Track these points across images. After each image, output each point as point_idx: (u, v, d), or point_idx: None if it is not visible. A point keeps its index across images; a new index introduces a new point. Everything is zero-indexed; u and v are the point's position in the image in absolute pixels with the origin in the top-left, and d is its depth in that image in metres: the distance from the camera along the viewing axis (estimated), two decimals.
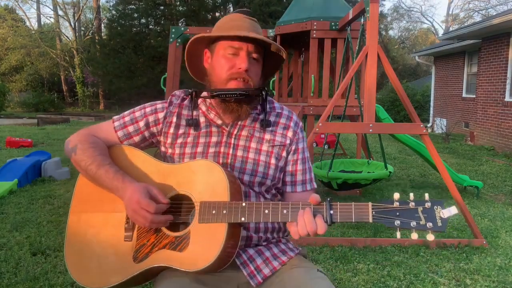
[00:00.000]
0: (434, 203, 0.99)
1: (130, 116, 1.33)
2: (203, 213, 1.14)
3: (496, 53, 8.75)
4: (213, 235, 1.12)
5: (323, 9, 5.19)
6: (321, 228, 1.06)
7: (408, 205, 1.01)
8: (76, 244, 1.25)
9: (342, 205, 1.08)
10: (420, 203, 1.00)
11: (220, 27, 1.27)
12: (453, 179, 4.38)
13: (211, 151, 1.27)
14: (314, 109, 4.79)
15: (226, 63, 1.23)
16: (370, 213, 1.04)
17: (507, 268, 2.83)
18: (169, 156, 1.30)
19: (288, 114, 1.37)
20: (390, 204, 1.02)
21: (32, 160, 5.21)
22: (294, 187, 1.35)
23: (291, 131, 1.34)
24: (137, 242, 1.19)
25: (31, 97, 23.31)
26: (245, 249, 1.25)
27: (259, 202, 1.13)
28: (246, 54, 1.22)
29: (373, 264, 2.82)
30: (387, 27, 30.18)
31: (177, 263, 1.13)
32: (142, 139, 1.33)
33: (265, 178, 1.28)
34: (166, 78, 4.93)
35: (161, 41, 18.67)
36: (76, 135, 1.31)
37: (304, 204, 1.11)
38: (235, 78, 1.22)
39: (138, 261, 1.17)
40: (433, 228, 0.99)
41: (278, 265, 1.25)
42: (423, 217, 0.99)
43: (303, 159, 1.36)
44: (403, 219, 1.00)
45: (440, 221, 0.98)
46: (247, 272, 1.21)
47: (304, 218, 1.08)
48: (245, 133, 1.29)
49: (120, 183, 1.19)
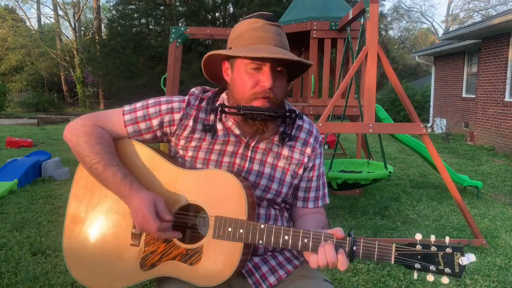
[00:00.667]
0: (454, 249, 1.00)
1: (143, 112, 1.22)
2: (218, 229, 1.10)
3: (496, 53, 8.75)
4: (227, 254, 1.09)
5: (323, 9, 5.19)
6: (342, 264, 1.01)
7: (430, 249, 1.01)
8: (76, 242, 1.21)
9: (365, 242, 1.04)
10: (441, 248, 1.01)
11: (240, 38, 1.16)
12: (453, 179, 4.39)
13: (225, 160, 1.21)
14: (314, 109, 4.79)
15: (249, 80, 1.13)
16: (393, 255, 1.02)
17: (507, 268, 2.83)
18: (180, 157, 1.24)
19: (308, 128, 1.29)
20: (413, 248, 1.02)
21: (32, 160, 5.22)
22: (306, 203, 1.31)
23: (310, 148, 1.28)
24: (144, 249, 1.16)
25: (31, 97, 23.32)
26: (251, 258, 1.21)
27: (279, 227, 1.08)
28: (270, 70, 1.12)
29: (373, 264, 2.82)
30: (387, 27, 30.17)
31: (188, 276, 1.11)
32: (153, 137, 1.25)
33: (277, 196, 1.24)
34: (166, 78, 4.93)
35: (161, 41, 18.65)
36: (80, 124, 1.20)
37: (326, 236, 1.05)
38: (259, 97, 1.13)
39: (146, 269, 1.15)
40: (450, 274, 0.99)
41: (284, 274, 1.23)
42: (442, 262, 1.00)
43: (318, 176, 1.32)
44: (423, 263, 1.01)
45: (457, 268, 0.99)
46: (253, 281, 1.19)
47: (325, 249, 1.03)
48: (262, 146, 1.23)
49: (127, 190, 1.14)
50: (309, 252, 1.07)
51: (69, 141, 1.21)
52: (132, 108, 1.25)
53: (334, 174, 4.14)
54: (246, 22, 1.18)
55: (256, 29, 1.15)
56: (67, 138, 1.21)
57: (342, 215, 4.00)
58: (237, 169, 1.21)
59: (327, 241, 1.04)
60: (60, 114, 19.52)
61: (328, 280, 1.22)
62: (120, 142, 1.23)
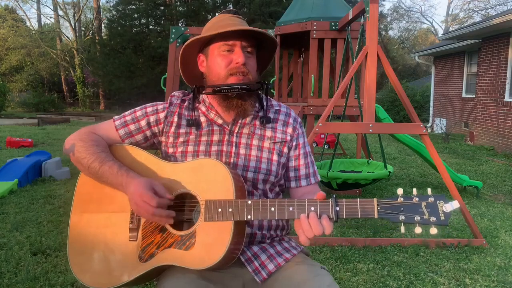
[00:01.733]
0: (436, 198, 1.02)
1: (132, 116, 1.34)
2: (208, 212, 1.15)
3: (496, 53, 8.75)
4: (219, 233, 1.13)
5: (323, 9, 5.19)
6: (328, 228, 1.07)
7: (412, 200, 1.04)
8: (79, 244, 1.25)
9: (347, 201, 1.09)
10: (423, 198, 1.03)
11: (210, 29, 1.27)
12: (453, 179, 4.39)
13: (213, 149, 1.28)
14: (314, 109, 4.80)
15: (223, 60, 1.24)
16: (375, 209, 1.06)
17: (507, 268, 2.83)
18: (171, 155, 1.31)
19: (286, 110, 1.39)
20: (394, 200, 1.04)
21: (32, 160, 5.22)
22: (299, 182, 1.37)
23: (290, 127, 1.36)
24: (142, 242, 1.20)
25: (32, 97, 23.33)
26: (249, 246, 1.27)
27: (265, 200, 1.14)
28: (241, 49, 1.23)
29: (373, 264, 2.82)
30: (387, 27, 30.18)
31: (184, 261, 1.14)
32: (143, 138, 1.34)
33: (269, 174, 1.30)
34: (166, 78, 4.93)
35: (161, 41, 18.67)
36: (75, 134, 1.31)
37: (310, 201, 1.11)
38: (234, 73, 1.23)
39: (144, 261, 1.18)
40: (436, 222, 1.01)
41: (282, 261, 1.26)
42: (426, 212, 1.02)
43: (305, 154, 1.38)
44: (407, 214, 1.03)
45: (443, 215, 1.01)
46: (252, 269, 1.23)
47: (309, 222, 1.08)
48: (246, 131, 1.31)
49: (125, 178, 1.19)
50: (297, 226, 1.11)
51: (68, 152, 1.29)
52: (121, 115, 1.37)
53: (334, 174, 4.14)
54: (213, 19, 1.32)
55: (223, 19, 1.28)
56: (66, 148, 1.30)
57: None
58: (225, 155, 1.28)
59: (310, 211, 1.09)
60: (60, 114, 19.52)
61: (324, 268, 1.26)
62: (116, 147, 1.31)
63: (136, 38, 20.44)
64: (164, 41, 18.03)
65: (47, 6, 65.75)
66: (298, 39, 5.79)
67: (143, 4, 20.25)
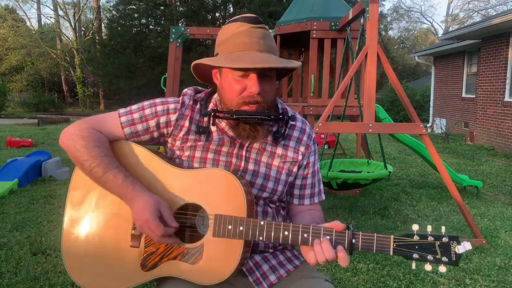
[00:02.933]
0: (450, 238, 1.03)
1: (140, 113, 1.23)
2: (218, 227, 1.10)
3: (495, 53, 8.75)
4: (228, 251, 1.10)
5: (323, 9, 5.19)
6: (343, 260, 1.03)
7: (427, 240, 1.04)
8: (75, 245, 1.21)
9: (364, 235, 1.06)
10: (438, 237, 1.04)
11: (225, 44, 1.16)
12: (453, 179, 4.39)
13: (222, 159, 1.23)
14: (314, 109, 4.80)
15: (236, 86, 1.14)
16: (391, 246, 1.04)
17: (507, 268, 2.83)
18: (177, 157, 1.25)
19: (301, 126, 1.31)
20: (410, 238, 1.05)
21: (32, 160, 5.22)
22: (302, 201, 1.33)
23: (303, 146, 1.29)
24: (145, 250, 1.16)
25: (32, 97, 23.35)
26: (252, 255, 1.23)
27: (279, 223, 1.08)
28: (257, 76, 1.12)
29: (373, 264, 2.82)
30: (386, 27, 30.18)
31: (189, 275, 1.11)
32: (150, 138, 1.25)
33: (273, 194, 1.26)
34: (166, 78, 4.93)
35: (161, 41, 18.66)
36: (76, 128, 1.20)
37: (326, 231, 1.06)
38: (247, 102, 1.14)
39: (147, 270, 1.15)
40: (447, 263, 1.02)
41: (284, 273, 1.24)
42: (439, 252, 1.03)
43: (313, 173, 1.33)
44: (421, 253, 1.04)
45: (454, 256, 1.02)
46: (253, 279, 1.20)
47: (322, 246, 1.04)
48: (256, 146, 1.24)
49: (130, 191, 1.13)
50: (306, 249, 1.08)
51: (66, 146, 1.20)
52: (127, 110, 1.25)
53: (334, 174, 4.14)
54: (231, 26, 1.17)
55: (240, 34, 1.14)
56: (64, 142, 1.20)
57: (342, 215, 4.01)
58: (233, 168, 1.23)
59: (324, 237, 1.05)
60: (60, 114, 19.55)
61: (328, 280, 1.23)
62: (118, 143, 1.23)
63: (136, 38, 20.43)
64: (164, 41, 18.03)
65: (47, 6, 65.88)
66: (298, 39, 5.79)
67: (143, 4, 20.24)
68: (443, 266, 1.02)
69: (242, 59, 1.10)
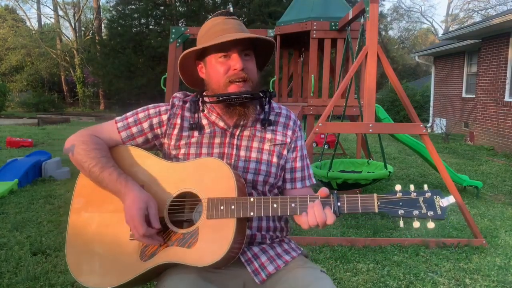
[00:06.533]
0: (433, 193, 1.07)
1: (134, 118, 1.34)
2: (211, 209, 1.15)
3: (495, 53, 8.75)
4: (221, 231, 1.14)
5: (323, 9, 5.19)
6: (330, 218, 1.11)
7: (410, 195, 1.08)
8: (78, 244, 1.24)
9: (348, 197, 1.13)
10: (420, 193, 1.08)
11: (206, 35, 1.27)
12: (453, 179, 4.39)
13: (215, 152, 1.29)
14: (314, 109, 4.80)
15: (221, 68, 1.24)
16: (375, 204, 1.10)
17: (507, 267, 2.83)
18: (174, 157, 1.31)
19: (286, 113, 1.40)
20: (393, 195, 1.09)
21: (32, 160, 5.22)
22: (294, 184, 1.39)
23: (290, 130, 1.38)
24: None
25: (32, 97, 23.33)
26: (250, 247, 1.27)
27: (267, 197, 1.17)
28: (238, 54, 1.23)
29: (373, 264, 2.82)
30: (386, 27, 30.18)
31: (186, 259, 1.14)
32: (145, 140, 1.34)
33: (268, 176, 1.31)
34: (166, 78, 4.93)
35: (161, 41, 18.65)
36: (77, 135, 1.30)
37: (312, 197, 1.14)
38: (234, 80, 1.23)
39: (146, 259, 1.18)
40: (433, 216, 1.06)
41: (282, 263, 1.27)
42: (424, 206, 1.07)
43: (302, 156, 1.40)
44: (406, 208, 1.08)
45: (439, 210, 1.06)
46: (252, 269, 1.23)
47: (314, 209, 1.12)
48: (247, 133, 1.32)
49: (123, 187, 1.19)
50: (299, 216, 1.16)
51: (69, 153, 1.29)
52: (123, 117, 1.36)
53: (334, 174, 4.14)
54: (208, 22, 1.30)
55: (217, 25, 1.26)
56: (67, 148, 1.30)
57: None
58: (226, 157, 1.30)
59: (314, 200, 1.14)
60: (60, 114, 19.53)
61: (324, 271, 1.27)
62: (116, 148, 1.31)
63: (136, 38, 20.43)
64: (164, 41, 18.02)
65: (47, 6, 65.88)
66: (298, 39, 5.79)
67: (143, 4, 20.23)
68: (431, 222, 1.06)
69: (222, 38, 1.20)
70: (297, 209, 1.14)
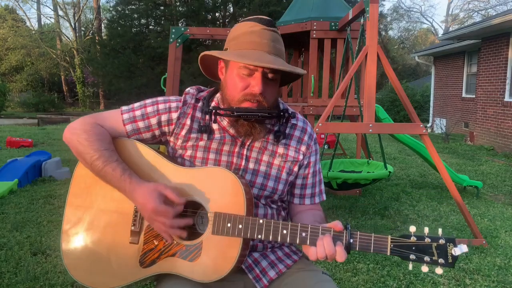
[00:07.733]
0: (447, 240, 1.03)
1: (141, 111, 1.24)
2: (217, 225, 1.11)
3: (495, 53, 8.75)
4: (226, 248, 1.10)
5: (323, 9, 5.19)
6: (340, 256, 1.03)
7: (424, 241, 1.04)
8: (74, 242, 1.22)
9: (362, 235, 1.06)
10: (435, 239, 1.04)
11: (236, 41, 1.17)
12: (453, 179, 4.39)
13: (223, 159, 1.23)
14: (314, 109, 4.79)
15: (240, 83, 1.15)
16: (388, 247, 1.05)
17: (507, 268, 2.83)
18: (179, 156, 1.25)
19: (302, 125, 1.32)
20: (407, 239, 1.05)
21: (32, 160, 5.22)
22: (303, 200, 1.33)
23: (304, 146, 1.30)
24: (144, 246, 1.17)
25: (32, 97, 23.36)
26: (250, 253, 1.23)
27: (277, 221, 1.09)
28: (261, 76, 1.13)
29: (373, 264, 2.82)
30: (386, 27, 30.17)
31: (188, 272, 1.11)
32: (151, 136, 1.26)
33: (274, 193, 1.26)
34: (166, 78, 4.93)
35: (161, 41, 18.67)
36: (80, 123, 1.21)
37: (324, 230, 1.07)
38: (248, 99, 1.15)
39: (145, 266, 1.15)
40: (443, 264, 1.03)
41: (284, 268, 1.24)
42: (436, 253, 1.03)
43: (314, 173, 1.33)
44: (418, 254, 1.04)
45: (451, 258, 1.03)
46: (253, 276, 1.21)
47: (324, 242, 1.05)
48: (258, 145, 1.25)
49: (128, 184, 1.14)
50: (308, 245, 1.08)
51: (70, 141, 1.20)
52: (130, 107, 1.26)
53: (334, 174, 4.14)
54: (244, 24, 1.19)
55: (253, 33, 1.16)
56: (67, 137, 1.21)
57: (342, 215, 4.01)
58: (234, 167, 1.23)
59: (325, 234, 1.06)
60: (60, 114, 19.56)
61: (326, 273, 1.24)
62: (120, 141, 1.23)
63: (136, 38, 20.44)
64: (164, 41, 18.03)
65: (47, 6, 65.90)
66: (298, 39, 5.79)
67: (143, 4, 20.25)
68: (439, 268, 1.03)
69: (251, 57, 1.11)
70: (307, 240, 1.07)
